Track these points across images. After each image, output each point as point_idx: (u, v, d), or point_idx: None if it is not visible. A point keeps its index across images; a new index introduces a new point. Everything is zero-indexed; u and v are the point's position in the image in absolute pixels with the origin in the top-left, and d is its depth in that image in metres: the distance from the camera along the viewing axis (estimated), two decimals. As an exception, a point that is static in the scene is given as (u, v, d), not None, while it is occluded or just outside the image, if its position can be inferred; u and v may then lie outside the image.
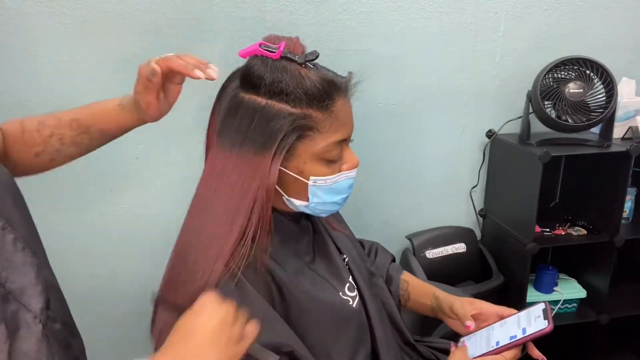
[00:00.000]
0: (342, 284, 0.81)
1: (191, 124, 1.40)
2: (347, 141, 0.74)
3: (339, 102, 0.70)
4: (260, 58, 0.68)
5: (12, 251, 0.53)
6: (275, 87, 0.66)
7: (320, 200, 0.73)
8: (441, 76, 1.57)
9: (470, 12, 1.53)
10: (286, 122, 0.67)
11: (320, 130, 0.69)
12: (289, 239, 0.77)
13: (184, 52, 0.72)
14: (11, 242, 0.53)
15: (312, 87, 0.67)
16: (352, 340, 0.77)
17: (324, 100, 0.68)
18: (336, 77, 0.71)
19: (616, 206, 1.49)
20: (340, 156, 0.73)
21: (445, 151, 1.67)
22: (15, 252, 0.53)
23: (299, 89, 0.67)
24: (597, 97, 1.43)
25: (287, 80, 0.66)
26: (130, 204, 1.47)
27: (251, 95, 0.68)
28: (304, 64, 0.68)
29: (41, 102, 1.33)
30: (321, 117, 0.68)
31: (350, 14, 1.45)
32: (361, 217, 1.65)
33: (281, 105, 0.67)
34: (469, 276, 1.71)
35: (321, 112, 0.68)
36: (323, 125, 0.69)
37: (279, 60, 0.67)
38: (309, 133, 0.68)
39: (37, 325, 0.53)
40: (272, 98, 0.67)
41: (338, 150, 0.72)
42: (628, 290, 1.69)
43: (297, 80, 0.67)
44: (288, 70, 0.67)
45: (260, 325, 0.62)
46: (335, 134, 0.70)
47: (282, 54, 0.67)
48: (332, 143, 0.70)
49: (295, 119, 0.67)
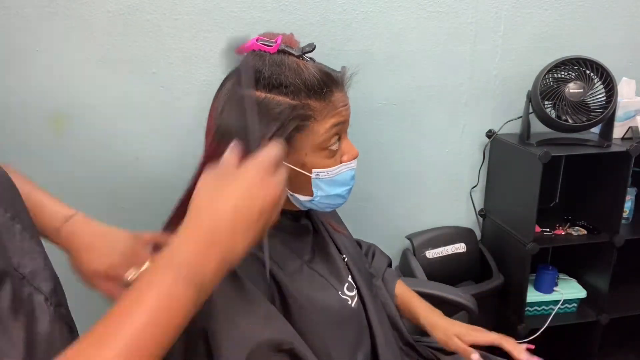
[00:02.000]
0: (342, 284, 0.81)
1: (191, 123, 1.40)
2: (345, 129, 0.76)
3: (337, 93, 0.72)
4: (258, 53, 0.69)
5: (21, 239, 0.54)
6: (274, 80, 0.67)
7: (324, 193, 0.74)
8: (441, 76, 1.57)
9: (470, 12, 1.53)
10: (285, 113, 0.67)
11: (317, 119, 0.70)
12: (289, 239, 0.77)
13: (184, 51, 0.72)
14: (20, 231, 0.54)
15: (311, 78, 0.68)
16: (351, 340, 0.77)
17: (322, 89, 0.69)
18: (333, 71, 0.73)
19: (616, 206, 1.49)
20: (339, 147, 0.75)
21: (445, 151, 1.67)
22: (23, 240, 0.54)
23: (298, 79, 0.68)
24: (597, 97, 1.43)
25: (285, 73, 0.67)
26: (130, 204, 1.48)
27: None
28: (301, 56, 0.69)
29: (41, 102, 1.34)
30: (319, 106, 0.70)
31: (350, 14, 1.45)
32: (361, 217, 1.65)
33: (280, 97, 0.68)
34: (469, 276, 1.71)
35: (319, 101, 0.70)
36: (320, 113, 0.70)
37: (277, 54, 0.68)
38: (308, 123, 0.69)
39: (48, 307, 0.54)
40: (271, 91, 0.68)
41: (337, 139, 0.73)
42: (628, 290, 1.69)
43: (295, 72, 0.68)
44: (286, 63, 0.68)
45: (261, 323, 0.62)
46: (331, 118, 0.71)
47: (280, 48, 0.69)
48: (329, 127, 0.71)
49: (294, 109, 0.68)
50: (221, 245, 0.47)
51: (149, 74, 1.37)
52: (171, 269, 0.44)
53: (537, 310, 1.63)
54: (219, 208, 0.48)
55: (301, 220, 0.83)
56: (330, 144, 0.72)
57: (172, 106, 1.41)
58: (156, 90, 1.39)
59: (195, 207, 0.48)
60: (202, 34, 1.36)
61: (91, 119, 1.38)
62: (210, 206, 0.48)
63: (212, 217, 0.47)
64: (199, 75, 1.39)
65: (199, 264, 0.45)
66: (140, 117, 1.40)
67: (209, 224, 0.47)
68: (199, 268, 0.45)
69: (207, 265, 0.46)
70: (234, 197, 0.48)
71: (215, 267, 0.46)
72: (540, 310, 1.63)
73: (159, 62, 1.36)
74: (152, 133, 1.43)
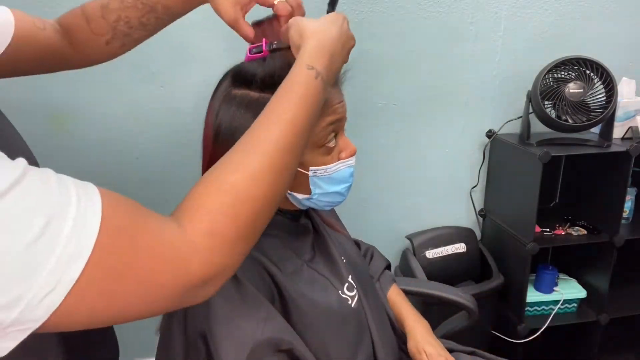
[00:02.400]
0: (342, 283, 0.81)
1: (191, 124, 1.40)
2: (342, 126, 0.75)
3: (331, 89, 0.71)
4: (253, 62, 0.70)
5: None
6: (268, 80, 0.67)
7: (322, 190, 0.73)
8: (441, 76, 1.57)
9: (470, 12, 1.53)
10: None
11: None
12: (288, 238, 0.77)
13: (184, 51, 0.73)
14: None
15: None
16: (351, 340, 0.77)
17: None
18: None
19: (616, 206, 1.49)
20: (337, 143, 0.74)
21: (445, 151, 1.67)
22: None
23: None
24: (597, 97, 1.43)
25: (278, 71, 0.67)
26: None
27: (243, 90, 0.69)
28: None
29: (41, 102, 1.34)
30: None
31: (350, 14, 1.44)
32: (361, 217, 1.65)
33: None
34: (469, 276, 1.71)
35: None
36: None
37: (270, 54, 0.69)
38: None
39: None
40: (265, 91, 0.68)
41: (333, 136, 0.73)
42: (628, 290, 1.70)
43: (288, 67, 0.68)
44: (277, 60, 0.68)
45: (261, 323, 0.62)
46: (327, 117, 0.71)
47: (268, 48, 0.68)
48: (325, 125, 0.70)
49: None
50: (333, 57, 0.61)
51: (149, 74, 1.37)
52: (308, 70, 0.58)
53: (537, 310, 1.63)
54: (331, 30, 0.63)
55: (301, 219, 0.83)
56: (327, 142, 0.72)
57: (172, 106, 1.41)
58: (156, 90, 1.39)
59: (312, 32, 0.62)
60: (202, 34, 1.36)
61: (91, 119, 1.38)
62: (324, 30, 0.63)
63: (326, 37, 0.62)
64: (199, 75, 1.39)
65: (322, 65, 0.59)
66: (140, 117, 1.40)
67: (325, 42, 0.61)
68: (323, 68, 0.59)
69: (327, 65, 0.60)
70: (336, 26, 0.64)
71: (330, 72, 0.61)
72: (540, 310, 1.63)
73: (159, 62, 1.36)
74: (152, 133, 1.43)
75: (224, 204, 0.47)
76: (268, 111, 0.55)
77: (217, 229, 0.46)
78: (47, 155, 1.37)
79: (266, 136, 0.52)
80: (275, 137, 0.52)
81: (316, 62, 0.58)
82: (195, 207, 0.47)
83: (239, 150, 0.52)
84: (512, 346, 1.58)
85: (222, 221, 0.46)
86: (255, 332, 0.62)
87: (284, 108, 0.55)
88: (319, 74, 0.58)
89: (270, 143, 0.52)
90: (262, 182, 0.50)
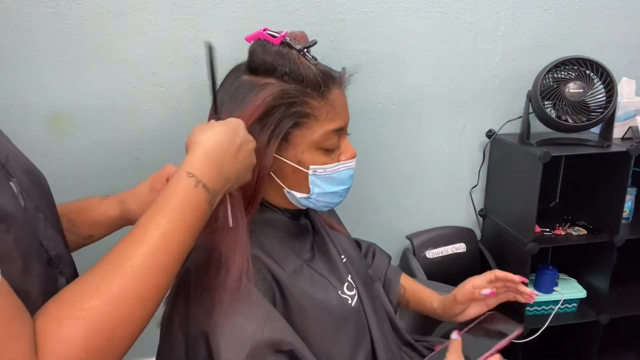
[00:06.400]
0: (342, 283, 0.81)
1: (191, 124, 1.40)
2: (344, 131, 0.76)
3: (335, 92, 0.72)
4: (261, 44, 0.70)
5: (44, 226, 0.58)
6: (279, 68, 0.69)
7: (321, 190, 0.74)
8: (441, 76, 1.57)
9: (470, 12, 1.53)
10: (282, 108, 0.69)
11: (317, 118, 0.71)
12: (288, 238, 0.77)
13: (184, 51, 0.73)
14: (43, 219, 0.58)
15: (309, 73, 0.69)
16: (351, 339, 0.77)
17: (320, 87, 0.70)
18: (332, 70, 0.74)
19: (616, 206, 1.49)
20: (337, 146, 0.75)
21: (445, 151, 1.67)
22: (46, 228, 0.58)
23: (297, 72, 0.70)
24: (597, 97, 1.43)
25: (285, 64, 0.69)
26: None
27: (251, 76, 0.71)
28: (302, 52, 0.70)
29: (41, 102, 1.34)
30: (317, 104, 0.71)
31: (350, 14, 1.45)
32: (361, 217, 1.65)
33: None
34: (469, 276, 1.69)
35: (317, 99, 0.70)
36: (320, 112, 0.71)
37: (279, 45, 0.69)
38: (306, 120, 0.70)
39: None
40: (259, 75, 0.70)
41: (335, 139, 0.74)
42: (628, 290, 1.69)
43: (295, 66, 0.69)
44: (286, 56, 0.69)
45: (261, 323, 0.62)
46: (331, 122, 0.72)
47: (283, 40, 0.70)
48: (329, 131, 0.72)
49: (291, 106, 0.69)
50: (222, 166, 0.59)
51: (149, 74, 1.37)
52: (188, 178, 0.55)
53: (537, 310, 1.63)
54: (221, 138, 0.60)
55: (300, 219, 0.83)
56: (328, 144, 0.72)
57: (172, 106, 1.41)
58: (156, 90, 1.39)
59: (197, 140, 0.60)
60: (202, 34, 1.36)
61: (91, 119, 1.38)
62: (213, 138, 0.60)
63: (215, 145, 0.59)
64: (199, 75, 1.39)
65: (207, 174, 0.56)
66: (140, 117, 1.40)
67: (212, 151, 0.59)
68: (208, 178, 0.56)
69: (213, 176, 0.57)
70: (219, 132, 0.61)
71: (219, 181, 0.58)
72: (540, 310, 1.63)
73: (159, 62, 1.36)
74: (152, 133, 1.42)
75: (77, 333, 0.43)
76: (140, 225, 0.51)
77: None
78: (47, 155, 1.38)
79: (132, 256, 0.48)
80: (140, 258, 0.48)
81: (198, 170, 0.56)
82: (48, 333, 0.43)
83: (97, 273, 0.47)
84: (512, 346, 1.57)
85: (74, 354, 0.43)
86: (255, 332, 0.63)
87: (156, 223, 0.51)
88: (200, 182, 0.55)
89: (132, 267, 0.47)
90: (122, 308, 0.46)
